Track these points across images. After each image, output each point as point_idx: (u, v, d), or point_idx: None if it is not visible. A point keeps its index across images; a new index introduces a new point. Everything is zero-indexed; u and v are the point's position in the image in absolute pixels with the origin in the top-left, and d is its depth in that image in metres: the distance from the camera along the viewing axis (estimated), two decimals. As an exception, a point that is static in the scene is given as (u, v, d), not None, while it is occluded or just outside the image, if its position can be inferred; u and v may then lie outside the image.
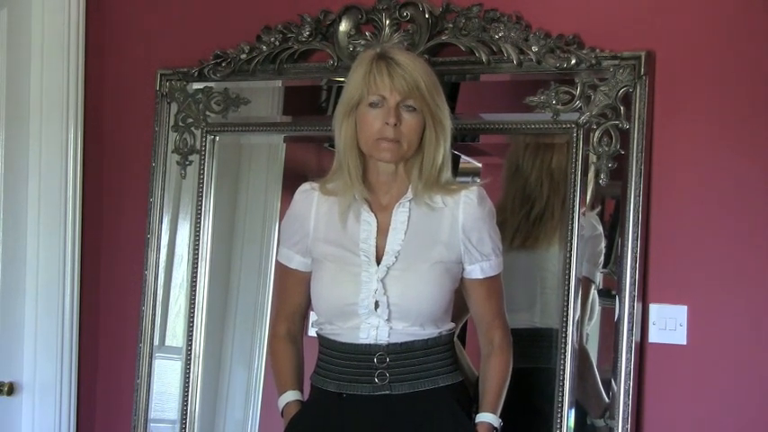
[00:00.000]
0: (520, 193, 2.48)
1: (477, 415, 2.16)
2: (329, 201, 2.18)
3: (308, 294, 2.26)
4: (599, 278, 2.39)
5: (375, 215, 2.15)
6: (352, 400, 2.11)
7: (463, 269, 2.16)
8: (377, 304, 2.09)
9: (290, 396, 2.23)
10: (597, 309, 2.39)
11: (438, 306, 2.12)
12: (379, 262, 2.12)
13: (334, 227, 2.16)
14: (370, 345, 2.10)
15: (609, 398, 2.34)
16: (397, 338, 2.10)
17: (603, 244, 2.38)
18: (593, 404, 2.37)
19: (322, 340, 2.19)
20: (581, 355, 2.37)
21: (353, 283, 2.11)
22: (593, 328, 2.40)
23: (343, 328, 2.13)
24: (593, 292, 2.39)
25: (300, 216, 2.21)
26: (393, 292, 2.09)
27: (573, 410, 2.36)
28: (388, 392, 2.10)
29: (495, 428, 2.14)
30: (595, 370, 2.38)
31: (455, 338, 2.31)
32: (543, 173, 2.46)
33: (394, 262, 2.11)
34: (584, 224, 2.37)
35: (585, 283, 2.38)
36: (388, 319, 2.10)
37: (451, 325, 2.17)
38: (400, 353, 2.10)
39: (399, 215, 2.14)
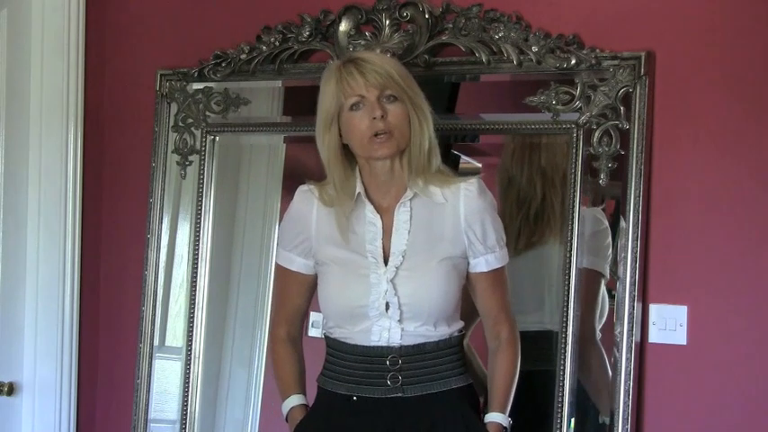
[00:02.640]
0: (515, 198, 2.48)
1: (486, 415, 2.15)
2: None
3: (308, 296, 2.25)
4: (608, 271, 2.38)
5: (380, 216, 2.14)
6: (364, 403, 2.11)
7: (468, 263, 2.16)
8: (387, 305, 2.09)
9: (295, 401, 2.22)
10: (606, 307, 2.39)
11: (448, 303, 2.12)
12: (385, 263, 2.11)
13: (338, 229, 2.15)
14: (382, 347, 2.10)
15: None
16: (409, 340, 2.10)
17: (610, 238, 2.38)
18: (605, 402, 2.36)
19: (330, 342, 2.18)
20: (594, 352, 2.36)
21: (363, 286, 2.10)
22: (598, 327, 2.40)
23: (354, 331, 2.12)
24: (604, 287, 2.39)
25: (301, 217, 2.20)
26: (403, 291, 2.09)
27: (573, 410, 2.36)
28: (400, 395, 2.09)
29: (505, 428, 2.14)
30: (608, 367, 2.37)
31: (467, 340, 2.31)
32: (534, 172, 2.46)
33: (402, 262, 2.10)
34: (589, 219, 2.37)
35: (595, 276, 2.37)
36: (400, 320, 2.09)
37: (461, 324, 2.17)
38: (412, 355, 2.10)
39: (401, 215, 2.13)
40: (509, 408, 2.16)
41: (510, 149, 2.49)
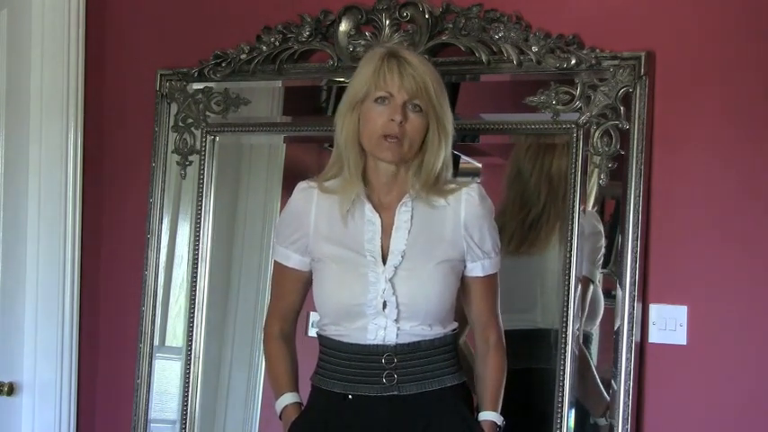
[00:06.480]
0: (519, 197, 2.49)
1: (480, 413, 2.16)
2: (329, 199, 2.16)
3: (303, 293, 2.25)
4: (598, 276, 2.39)
5: (379, 214, 2.14)
6: (359, 401, 2.10)
7: (465, 267, 2.16)
8: (384, 304, 2.09)
9: (289, 399, 2.21)
10: (602, 308, 2.39)
11: (445, 304, 2.12)
12: (384, 262, 2.11)
13: (336, 226, 2.15)
14: (377, 345, 2.09)
15: (609, 396, 2.35)
16: (405, 339, 2.10)
17: (603, 242, 2.38)
18: (594, 403, 2.37)
19: (325, 341, 2.17)
20: (579, 354, 2.38)
21: (360, 284, 2.10)
22: (593, 327, 2.41)
23: (350, 329, 2.12)
24: (592, 291, 2.39)
25: (299, 214, 2.19)
26: (402, 291, 2.09)
27: (573, 410, 2.36)
28: (396, 393, 2.09)
29: (499, 426, 2.15)
30: (594, 369, 2.38)
31: (464, 338, 2.32)
32: (542, 177, 2.46)
33: (401, 261, 2.10)
34: (584, 222, 2.38)
35: (584, 281, 2.38)
36: (397, 320, 2.09)
37: (455, 324, 2.17)
38: (408, 353, 2.10)
39: (402, 214, 2.13)
40: (500, 407, 2.17)
41: (525, 144, 2.49)
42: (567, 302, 2.37)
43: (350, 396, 2.11)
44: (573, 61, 2.39)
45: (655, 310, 2.37)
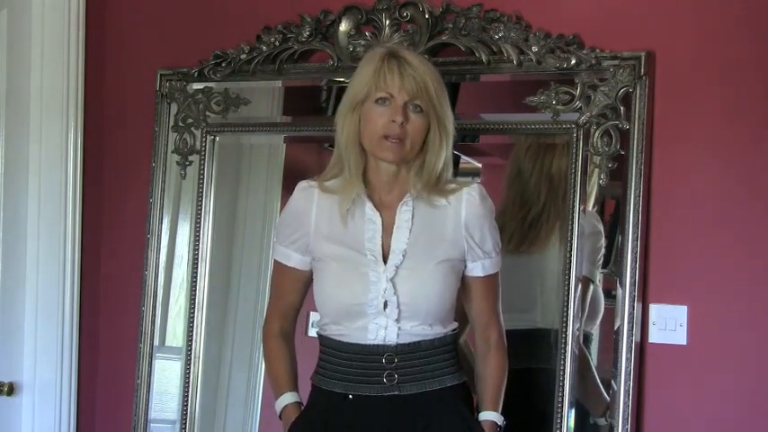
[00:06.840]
0: (519, 197, 2.49)
1: (480, 413, 2.16)
2: (330, 198, 2.17)
3: (303, 293, 2.25)
4: (598, 276, 2.39)
5: (380, 213, 2.14)
6: (359, 401, 2.10)
7: (465, 266, 2.16)
8: (386, 304, 2.09)
9: (289, 398, 2.21)
10: (602, 308, 2.39)
11: (445, 304, 2.12)
12: (385, 261, 2.11)
13: (337, 225, 2.15)
14: (378, 345, 2.09)
15: (609, 396, 2.35)
16: (406, 339, 2.10)
17: (603, 242, 2.38)
18: (594, 403, 2.37)
19: (325, 341, 2.18)
20: (579, 354, 2.38)
21: (361, 283, 2.10)
22: (593, 327, 2.41)
23: (350, 329, 2.12)
24: (592, 291, 2.39)
25: (300, 214, 2.19)
26: (403, 291, 2.09)
27: (573, 410, 2.36)
28: (396, 393, 2.09)
29: (499, 426, 2.15)
30: (594, 369, 2.38)
31: (464, 338, 2.32)
32: (542, 177, 2.46)
33: (402, 261, 2.10)
34: (584, 222, 2.38)
35: (584, 281, 2.38)
36: (398, 319, 2.09)
37: (455, 324, 2.17)
38: (408, 353, 2.10)
39: (403, 213, 2.13)
40: (501, 407, 2.17)
41: (525, 144, 2.49)
42: (567, 302, 2.37)
43: (350, 396, 2.11)
44: (573, 61, 2.39)
45: (655, 310, 2.37)
